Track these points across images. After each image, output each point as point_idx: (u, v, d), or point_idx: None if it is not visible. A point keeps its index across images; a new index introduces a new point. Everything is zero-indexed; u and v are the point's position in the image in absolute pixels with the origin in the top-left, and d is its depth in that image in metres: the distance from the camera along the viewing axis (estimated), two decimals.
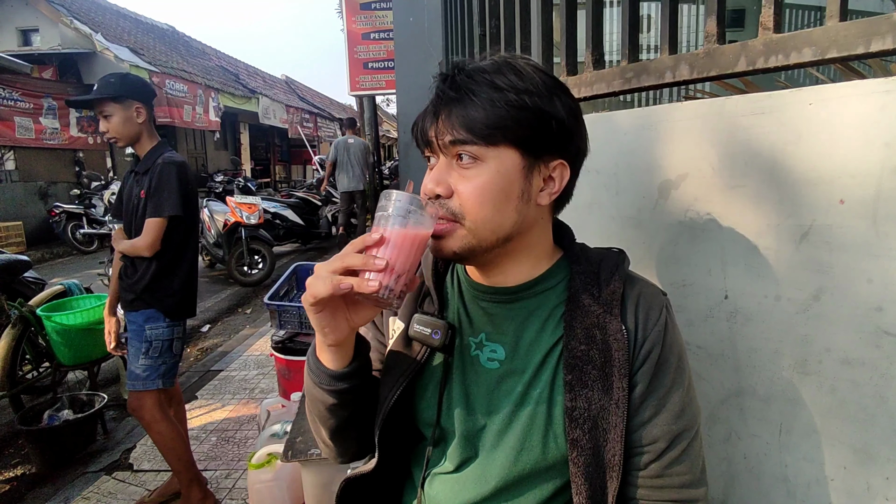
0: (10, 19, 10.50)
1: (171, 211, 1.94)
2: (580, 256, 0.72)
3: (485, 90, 0.63)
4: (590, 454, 0.64)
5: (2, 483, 2.47)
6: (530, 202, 0.67)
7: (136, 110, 1.95)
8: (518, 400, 0.68)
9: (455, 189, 0.65)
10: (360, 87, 6.09)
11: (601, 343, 0.65)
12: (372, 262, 0.59)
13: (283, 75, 21.38)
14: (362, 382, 0.72)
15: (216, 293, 5.90)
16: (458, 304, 0.76)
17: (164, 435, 2.03)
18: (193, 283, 2.12)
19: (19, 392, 2.77)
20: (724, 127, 0.77)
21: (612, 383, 0.65)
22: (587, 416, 0.64)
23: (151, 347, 2.01)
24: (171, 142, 12.90)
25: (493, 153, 0.63)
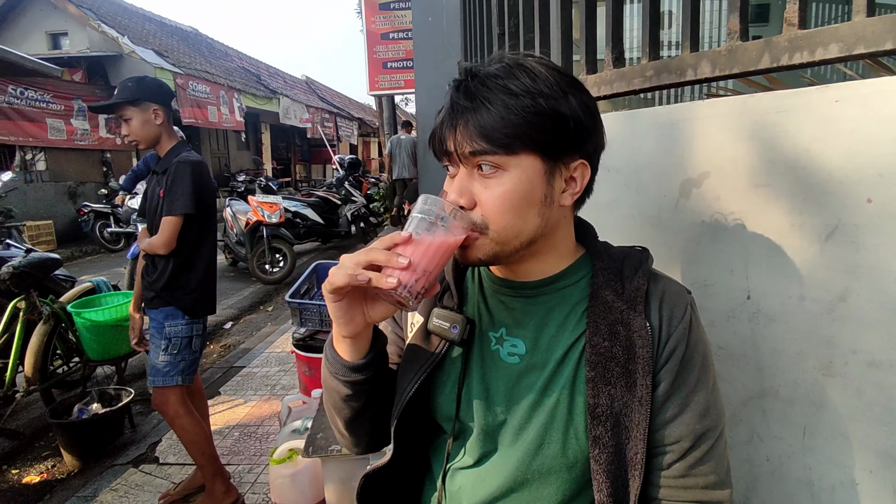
0: (40, 23, 10.82)
1: (183, 209, 1.97)
2: (603, 254, 0.72)
3: (499, 97, 0.62)
4: (612, 452, 0.64)
5: (34, 474, 2.55)
6: (553, 205, 0.67)
7: (154, 112, 2.00)
8: (538, 395, 0.68)
9: (478, 199, 0.65)
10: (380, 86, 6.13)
11: (625, 340, 0.65)
12: (395, 259, 0.61)
13: (304, 76, 21.60)
14: (378, 374, 0.74)
15: (238, 291, 5.99)
16: (479, 299, 0.77)
17: (187, 430, 2.08)
18: (212, 280, 2.16)
19: (50, 386, 2.86)
20: (748, 125, 0.76)
21: (636, 380, 0.64)
22: (609, 414, 0.64)
23: (171, 344, 2.05)
24: (195, 142, 13.20)
25: (514, 161, 0.63)
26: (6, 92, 8.38)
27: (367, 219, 8.15)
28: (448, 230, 0.63)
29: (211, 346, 4.38)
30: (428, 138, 0.71)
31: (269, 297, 5.79)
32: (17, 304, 2.75)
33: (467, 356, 0.73)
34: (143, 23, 13.11)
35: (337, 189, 8.43)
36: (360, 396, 0.74)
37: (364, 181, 9.78)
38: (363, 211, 8.03)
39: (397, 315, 0.84)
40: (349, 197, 8.06)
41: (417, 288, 0.62)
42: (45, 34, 10.89)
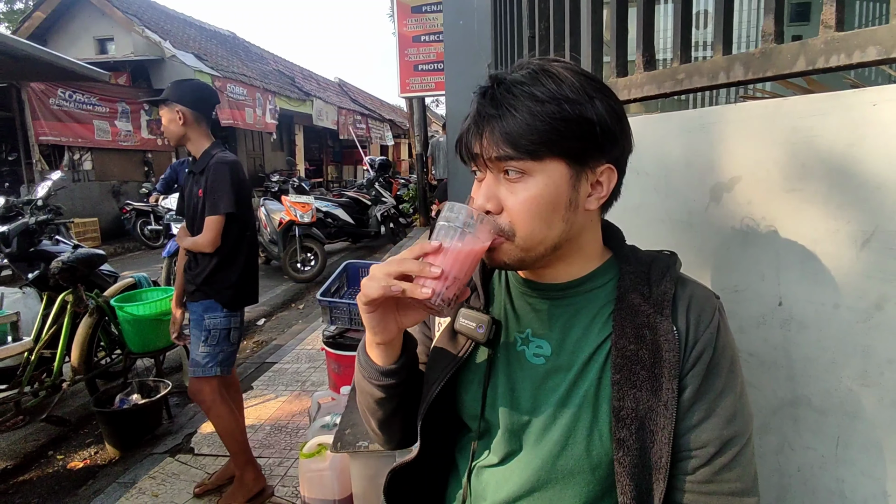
0: (89, 29, 11.31)
1: (226, 209, 2.06)
2: (630, 257, 0.72)
3: (525, 104, 0.62)
4: (636, 455, 0.64)
5: (78, 460, 2.68)
6: (578, 210, 0.67)
7: (178, 113, 2.09)
8: (563, 397, 0.69)
9: (504, 204, 0.65)
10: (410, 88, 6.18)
11: (651, 343, 0.65)
12: (428, 269, 0.62)
13: (337, 78, 21.92)
14: (409, 377, 0.76)
15: (271, 289, 6.14)
16: (505, 300, 0.77)
17: (222, 419, 2.16)
18: (251, 274, 2.25)
19: (94, 376, 2.99)
20: (781, 129, 0.75)
21: (662, 384, 0.64)
22: (634, 417, 0.64)
23: (210, 336, 2.14)
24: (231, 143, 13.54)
25: (540, 167, 0.63)
26: (57, 95, 8.80)
27: (396, 219, 8.23)
28: (475, 236, 0.64)
29: (244, 342, 4.50)
30: (454, 143, 0.73)
31: (300, 295, 5.91)
32: (65, 298, 2.89)
33: (493, 356, 0.74)
34: (184, 27, 13.55)
35: (367, 190, 8.54)
36: (392, 399, 0.76)
37: (394, 182, 9.88)
38: (393, 212, 8.11)
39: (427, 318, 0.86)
40: (379, 198, 8.16)
41: (449, 295, 0.63)
42: (93, 39, 11.38)
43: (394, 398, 0.77)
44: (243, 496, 2.17)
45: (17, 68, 2.16)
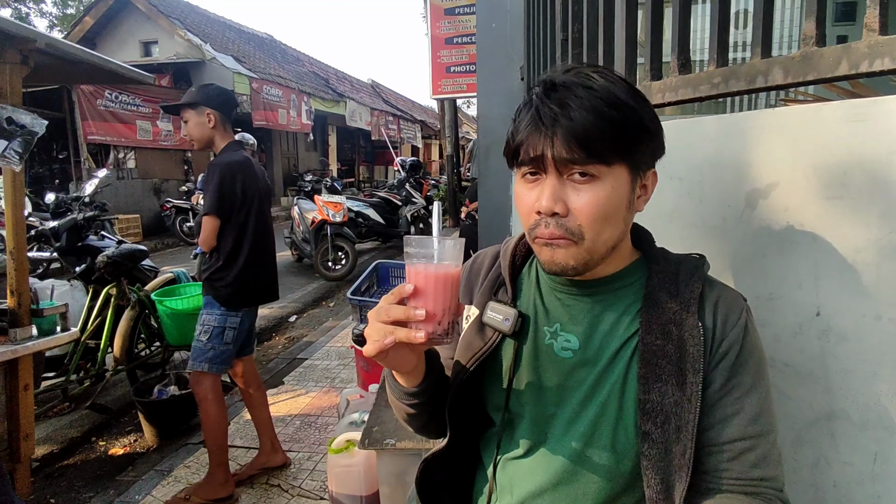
0: (135, 33, 11.77)
1: (207, 210, 2.11)
2: (659, 258, 0.74)
3: (592, 108, 0.63)
4: (661, 448, 0.65)
5: (118, 447, 2.79)
6: (632, 209, 0.70)
7: (208, 116, 2.15)
8: (589, 390, 0.70)
9: (571, 207, 0.65)
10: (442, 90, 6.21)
11: (677, 339, 0.66)
12: (413, 313, 0.63)
13: (370, 79, 22.18)
14: (437, 393, 0.78)
15: (303, 286, 6.26)
16: (535, 295, 0.79)
17: (208, 415, 2.21)
18: (252, 276, 2.23)
19: (135, 367, 3.12)
20: (821, 134, 0.73)
21: (686, 378, 0.65)
22: (660, 410, 0.65)
23: (202, 330, 2.20)
24: (266, 143, 13.83)
25: (608, 170, 0.65)
26: (104, 96, 9.19)
27: (426, 220, 8.26)
28: (446, 263, 0.65)
29: (276, 338, 4.61)
30: (505, 146, 0.73)
31: (331, 293, 6.01)
32: (109, 291, 3.02)
33: (518, 348, 0.76)
34: (224, 31, 13.95)
35: (398, 190, 8.62)
36: (423, 413, 0.80)
37: (424, 183, 9.93)
38: (422, 212, 8.16)
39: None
40: (409, 198, 8.22)
41: (444, 326, 0.64)
42: (138, 42, 11.84)
43: (424, 413, 0.80)
44: (207, 494, 2.19)
45: (70, 71, 2.27)
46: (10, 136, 1.79)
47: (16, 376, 1.93)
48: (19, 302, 1.93)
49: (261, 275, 2.28)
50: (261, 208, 2.27)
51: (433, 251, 0.64)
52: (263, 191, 2.30)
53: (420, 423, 0.83)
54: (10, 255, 1.90)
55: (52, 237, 3.55)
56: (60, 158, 9.78)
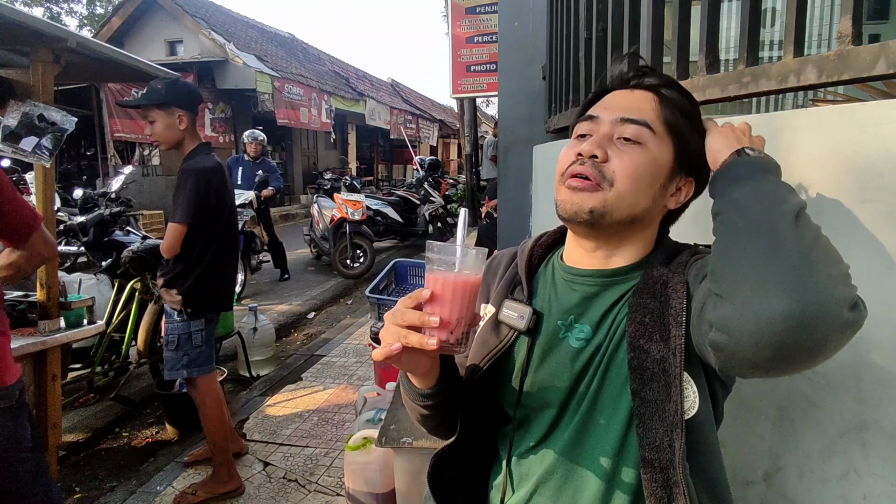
0: (161, 32, 11.99)
1: (180, 219, 2.02)
2: (665, 242, 0.77)
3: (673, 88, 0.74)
4: (652, 406, 0.65)
5: (141, 438, 2.85)
6: (662, 199, 0.74)
7: (179, 117, 2.05)
8: (596, 369, 0.72)
9: (612, 157, 0.70)
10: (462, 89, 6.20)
11: (661, 294, 0.68)
12: (427, 319, 0.63)
13: (389, 78, 22.26)
14: (451, 395, 0.78)
15: (321, 283, 6.31)
16: (550, 291, 0.80)
17: (206, 416, 2.22)
18: (210, 284, 2.16)
19: (158, 360, 3.17)
20: (856, 136, 0.71)
21: (670, 332, 0.65)
22: (645, 367, 0.66)
23: (169, 341, 2.16)
24: (287, 142, 13.96)
25: (656, 141, 0.71)
26: (131, 94, 9.39)
27: (444, 219, 8.27)
28: (467, 271, 0.64)
29: (295, 335, 4.66)
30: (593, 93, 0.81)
31: (349, 290, 6.05)
32: (133, 285, 3.08)
33: (532, 345, 0.77)
34: (247, 30, 14.13)
35: (416, 189, 8.63)
36: (437, 415, 0.80)
37: (443, 182, 9.93)
38: (441, 211, 8.16)
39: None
40: (428, 197, 8.23)
41: (458, 336, 0.64)
42: (164, 42, 12.06)
43: (438, 414, 0.80)
44: (214, 488, 2.21)
45: (99, 70, 2.32)
46: (42, 133, 1.84)
47: (44, 367, 1.98)
48: (48, 295, 1.98)
49: (220, 283, 2.23)
50: (231, 217, 2.21)
51: (454, 259, 0.64)
52: (232, 198, 2.24)
53: (433, 423, 0.83)
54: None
55: (80, 232, 3.64)
56: (88, 155, 10.04)
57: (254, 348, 3.56)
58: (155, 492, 2.27)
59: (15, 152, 1.79)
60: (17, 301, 2.05)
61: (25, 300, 2.07)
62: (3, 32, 1.75)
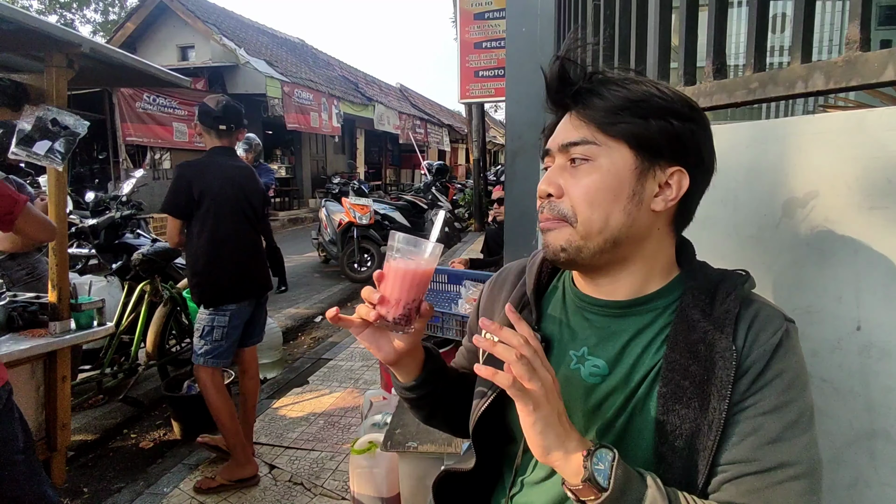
0: (173, 38, 12.15)
1: (162, 208, 2.30)
2: (697, 273, 0.70)
3: (608, 88, 0.66)
4: (678, 472, 0.61)
5: (149, 440, 2.87)
6: (642, 205, 0.66)
7: (196, 126, 2.42)
8: (614, 415, 0.67)
9: (566, 190, 0.67)
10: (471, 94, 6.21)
11: (705, 359, 0.62)
12: (371, 295, 0.70)
13: (398, 83, 22.38)
14: (434, 390, 0.80)
15: (329, 287, 6.34)
16: (561, 315, 0.76)
17: (211, 403, 2.38)
18: (212, 274, 2.32)
19: (166, 362, 3.20)
20: (865, 142, 0.71)
21: (709, 403, 0.61)
22: (678, 434, 0.61)
23: (196, 328, 2.39)
24: (296, 146, 14.04)
25: (604, 151, 0.65)
26: (142, 99, 9.51)
27: (451, 224, 8.28)
28: (414, 259, 0.69)
29: (302, 338, 4.68)
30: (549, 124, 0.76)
31: (356, 294, 6.06)
32: (143, 288, 3.11)
33: None
34: (258, 35, 14.27)
35: (424, 193, 8.66)
36: (423, 407, 0.82)
37: (451, 187, 9.95)
38: (448, 216, 8.17)
39: (475, 329, 0.87)
40: (436, 202, 8.25)
41: (396, 314, 0.69)
42: (176, 47, 12.21)
43: (424, 407, 0.82)
44: (232, 474, 2.33)
45: (111, 75, 2.36)
46: (54, 137, 1.87)
47: (54, 368, 2.00)
48: (59, 296, 2.00)
49: (228, 274, 2.35)
50: (222, 210, 2.32)
51: (405, 247, 0.70)
52: (232, 193, 2.35)
53: (422, 415, 0.85)
54: (52, 251, 1.98)
55: (91, 234, 3.68)
56: (100, 159, 10.14)
57: (261, 351, 3.57)
58: (162, 493, 2.28)
59: (29, 156, 1.82)
60: (28, 302, 2.08)
61: (37, 301, 2.09)
62: (19, 38, 1.79)
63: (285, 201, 13.86)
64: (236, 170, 2.40)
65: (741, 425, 0.61)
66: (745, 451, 0.60)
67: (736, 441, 0.61)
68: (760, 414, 0.61)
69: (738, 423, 0.61)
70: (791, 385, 0.62)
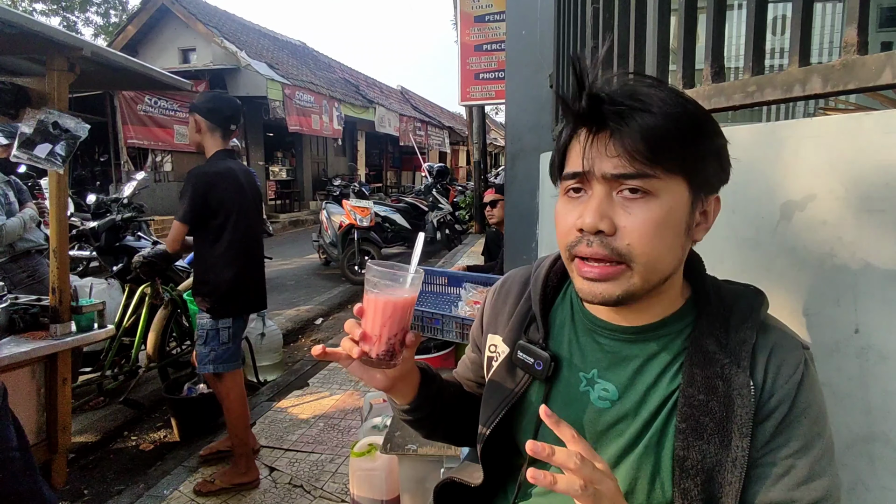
0: (174, 40, 12.18)
1: (180, 218, 2.19)
2: (711, 296, 0.67)
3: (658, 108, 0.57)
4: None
5: (149, 442, 2.87)
6: (689, 237, 0.63)
7: (196, 122, 2.26)
8: (628, 444, 0.66)
9: (619, 225, 0.59)
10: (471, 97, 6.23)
11: (723, 396, 0.60)
12: (352, 328, 0.68)
13: (399, 85, 22.41)
14: (431, 412, 0.79)
15: (329, 289, 6.34)
16: (570, 333, 0.74)
17: (230, 410, 2.35)
18: (233, 286, 2.28)
19: (166, 365, 3.20)
20: (863, 145, 0.71)
21: (731, 440, 0.59)
22: (700, 469, 0.60)
23: (199, 335, 2.32)
24: (297, 148, 14.05)
25: (663, 185, 0.58)
26: (144, 101, 9.53)
27: (452, 226, 8.29)
28: (393, 290, 0.67)
29: (302, 340, 4.68)
30: (550, 161, 0.69)
31: (356, 296, 6.06)
32: (144, 290, 3.11)
33: (548, 393, 0.72)
34: (259, 38, 14.30)
35: (425, 196, 8.67)
36: (421, 427, 0.82)
37: (451, 189, 9.96)
38: (449, 218, 8.18)
39: (478, 339, 0.86)
40: (436, 204, 8.26)
41: (378, 352, 0.67)
42: (177, 50, 12.24)
43: (423, 426, 0.82)
44: (231, 479, 2.32)
45: (113, 78, 2.37)
46: (56, 140, 1.87)
47: (55, 370, 2.01)
48: (60, 299, 2.00)
49: (243, 285, 2.32)
50: (241, 219, 2.30)
51: (382, 281, 0.67)
52: (247, 201, 2.33)
53: (423, 433, 0.85)
54: (53, 254, 1.98)
55: (92, 237, 3.68)
56: (102, 161, 10.18)
57: (261, 353, 3.57)
58: (162, 496, 2.28)
59: (30, 159, 1.82)
60: (29, 305, 2.08)
61: (38, 304, 2.10)
62: (21, 41, 1.79)
63: (286, 203, 13.88)
64: (244, 174, 2.39)
65: (773, 467, 0.61)
66: (780, 493, 0.60)
67: (770, 483, 0.60)
68: (791, 455, 0.60)
69: (770, 464, 0.61)
70: (816, 420, 0.62)
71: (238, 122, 2.35)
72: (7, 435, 1.26)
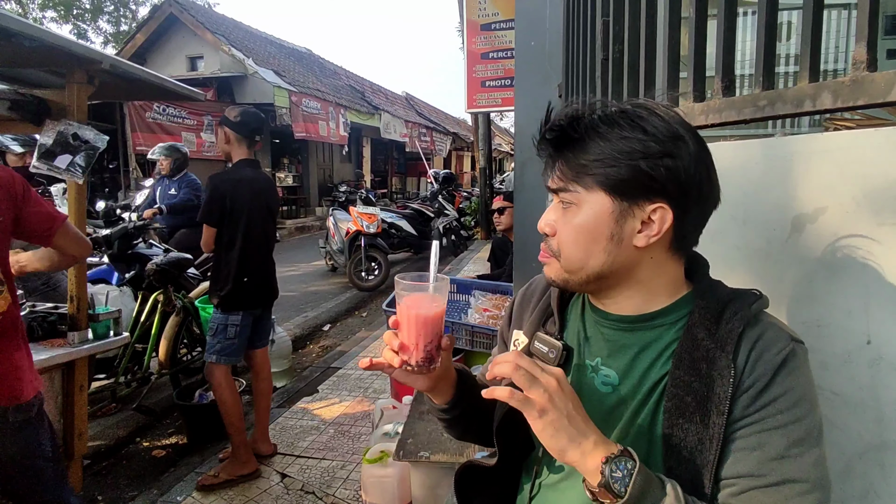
0: (182, 48, 12.31)
1: (199, 218, 2.43)
2: (707, 293, 0.72)
3: (585, 138, 0.70)
4: (687, 486, 0.63)
5: (161, 448, 2.89)
6: (622, 244, 0.70)
7: (225, 133, 2.49)
8: (624, 427, 0.71)
9: (556, 229, 0.74)
10: (477, 104, 6.25)
11: (706, 376, 0.65)
12: (393, 341, 0.73)
13: (404, 92, 22.51)
14: (467, 410, 0.83)
15: (336, 296, 6.36)
16: (580, 327, 0.81)
17: (222, 400, 2.49)
18: (241, 284, 2.46)
19: (178, 371, 3.23)
20: (873, 159, 0.73)
21: (710, 418, 0.64)
22: (683, 446, 0.65)
23: (210, 328, 2.51)
24: (303, 154, 14.10)
25: (585, 197, 0.70)
26: (152, 109, 9.63)
27: (458, 232, 8.31)
28: (426, 303, 0.71)
29: (310, 347, 4.70)
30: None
31: (363, 303, 6.09)
32: (156, 297, 3.15)
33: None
34: (265, 45, 14.43)
35: (430, 202, 8.70)
36: (457, 426, 0.87)
37: (457, 195, 9.99)
38: (455, 224, 8.21)
39: (506, 336, 0.92)
40: (442, 210, 8.28)
41: (417, 359, 0.72)
42: (185, 57, 12.37)
43: (458, 426, 0.87)
44: (233, 471, 2.43)
45: (128, 89, 2.41)
46: (75, 151, 1.91)
47: (72, 377, 2.04)
48: (78, 307, 2.04)
49: (251, 282, 2.50)
50: (252, 222, 2.48)
51: (405, 292, 0.72)
52: (260, 206, 2.52)
53: (456, 433, 0.89)
54: None
55: (105, 244, 3.73)
56: (111, 168, 10.27)
57: (271, 360, 3.59)
58: (175, 502, 2.31)
59: (50, 169, 1.86)
60: (47, 313, 2.12)
61: (56, 312, 2.13)
62: (42, 54, 1.84)
63: (292, 210, 13.94)
64: (263, 182, 2.59)
65: (745, 440, 0.64)
66: (750, 465, 0.63)
67: (741, 455, 0.63)
68: (765, 430, 0.63)
69: (742, 437, 0.64)
70: (797, 403, 0.63)
71: (262, 133, 2.55)
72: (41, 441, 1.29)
